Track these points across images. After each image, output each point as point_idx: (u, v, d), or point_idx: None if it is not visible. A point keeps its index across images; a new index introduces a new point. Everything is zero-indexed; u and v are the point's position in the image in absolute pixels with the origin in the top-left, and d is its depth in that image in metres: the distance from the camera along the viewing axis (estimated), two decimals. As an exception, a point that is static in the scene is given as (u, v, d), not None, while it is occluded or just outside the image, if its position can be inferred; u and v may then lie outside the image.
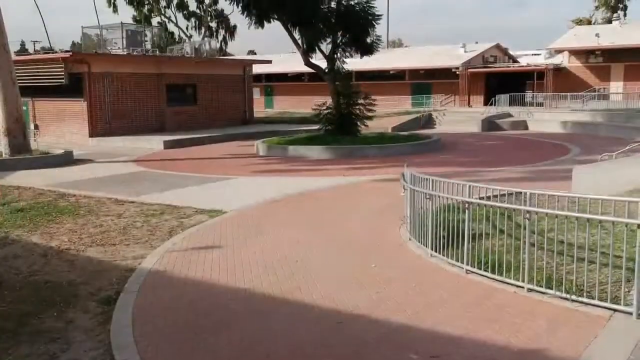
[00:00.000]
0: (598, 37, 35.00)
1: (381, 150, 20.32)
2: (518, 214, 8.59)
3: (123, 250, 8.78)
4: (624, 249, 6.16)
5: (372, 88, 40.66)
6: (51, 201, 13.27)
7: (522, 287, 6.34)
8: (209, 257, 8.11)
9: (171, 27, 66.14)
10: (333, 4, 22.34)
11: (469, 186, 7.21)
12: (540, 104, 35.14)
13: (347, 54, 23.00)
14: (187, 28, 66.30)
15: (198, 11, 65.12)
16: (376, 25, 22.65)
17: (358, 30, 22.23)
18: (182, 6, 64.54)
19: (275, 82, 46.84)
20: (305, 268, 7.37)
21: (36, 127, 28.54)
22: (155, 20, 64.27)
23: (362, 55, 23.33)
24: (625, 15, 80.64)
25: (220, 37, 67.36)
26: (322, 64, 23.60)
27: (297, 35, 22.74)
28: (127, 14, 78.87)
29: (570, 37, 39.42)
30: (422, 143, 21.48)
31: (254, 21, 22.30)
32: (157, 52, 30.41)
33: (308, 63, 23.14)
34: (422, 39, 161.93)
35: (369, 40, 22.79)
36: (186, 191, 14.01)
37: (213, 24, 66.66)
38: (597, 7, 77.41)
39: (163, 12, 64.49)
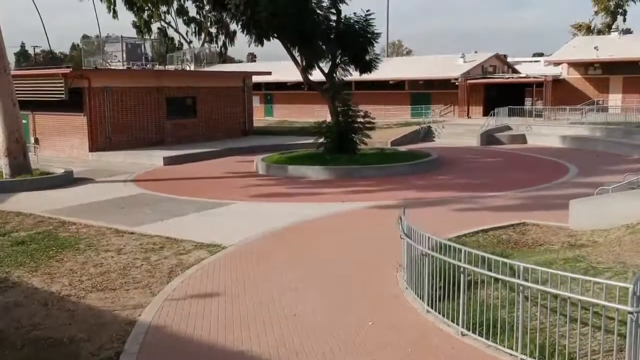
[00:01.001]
0: (597, 49, 35.09)
1: (380, 170, 20.42)
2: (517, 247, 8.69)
3: (123, 296, 8.87)
4: (616, 317, 6.24)
5: (372, 97, 40.92)
6: (51, 231, 13.36)
7: (516, 357, 6.41)
8: (208, 308, 8.20)
9: (171, 32, 66.40)
10: (332, 22, 22.41)
11: (464, 251, 7.24)
12: (540, 115, 35.20)
13: (346, 72, 23.08)
14: (187, 33, 66.51)
15: (198, 17, 65.33)
16: (375, 43, 22.74)
17: (357, 49, 22.34)
18: (182, 12, 64.68)
19: (275, 91, 46.87)
20: (303, 325, 7.44)
21: (36, 140, 28.68)
22: (155, 26, 64.52)
23: (361, 73, 23.43)
24: (625, 20, 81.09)
25: (220, 43, 67.53)
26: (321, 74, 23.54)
27: (296, 53, 22.84)
28: (127, 19, 78.76)
29: (570, 49, 39.53)
30: (420, 163, 21.56)
31: (253, 39, 22.34)
32: (157, 64, 30.34)
33: (307, 81, 23.24)
34: (422, 39, 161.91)
35: (368, 58, 22.87)
36: (185, 220, 14.11)
37: (213, 30, 66.77)
38: (596, 12, 77.52)
39: (163, 17, 64.62)
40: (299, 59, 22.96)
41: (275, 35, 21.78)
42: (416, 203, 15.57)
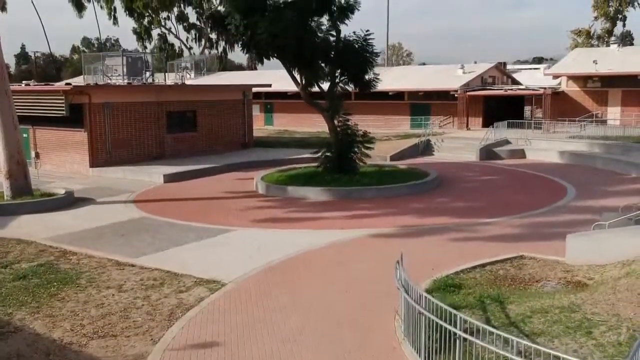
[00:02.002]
0: (596, 63, 35.21)
1: (379, 192, 20.53)
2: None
3: (124, 344, 8.99)
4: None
5: (371, 108, 41.07)
6: (53, 262, 13.50)
7: None
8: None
9: (171, 38, 66.58)
10: (332, 41, 22.49)
11: (460, 318, 7.33)
12: (539, 127, 35.33)
13: (346, 91, 23.19)
14: (187, 40, 66.77)
15: (198, 23, 65.51)
16: (375, 63, 22.82)
17: (356, 69, 22.40)
18: (182, 18, 64.93)
19: (275, 100, 46.98)
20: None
21: (37, 155, 28.87)
22: (155, 32, 64.67)
23: (360, 92, 23.52)
24: (624, 25, 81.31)
25: (221, 49, 67.75)
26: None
27: (296, 73, 22.96)
28: (127, 24, 78.91)
29: (569, 61, 39.67)
30: (419, 184, 21.66)
31: (253, 58, 22.44)
32: (157, 79, 30.45)
33: (307, 100, 23.34)
34: (422, 38, 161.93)
35: (367, 77, 22.96)
36: (185, 251, 14.20)
37: (213, 36, 66.89)
38: (596, 18, 77.78)
39: (163, 23, 64.76)
40: (298, 77, 23.07)
41: (275, 55, 21.88)
42: (415, 231, 15.71)
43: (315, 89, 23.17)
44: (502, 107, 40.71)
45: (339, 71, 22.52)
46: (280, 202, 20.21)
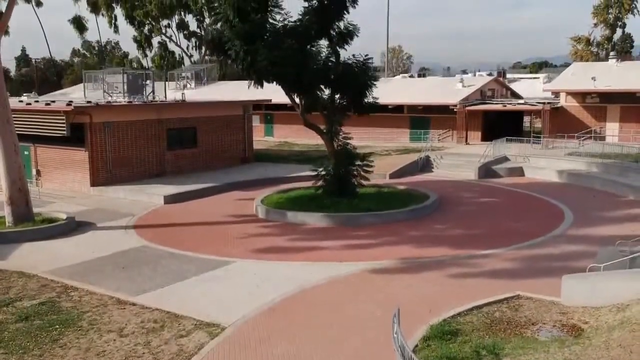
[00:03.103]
0: (594, 80, 35.36)
1: (378, 218, 20.68)
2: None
3: (125, 401, 9.14)
4: None
5: (371, 120, 40.94)
6: (55, 300, 13.67)
7: None
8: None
9: (172, 46, 66.73)
10: (331, 64, 22.62)
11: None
12: (538, 141, 35.56)
13: (345, 114, 23.32)
14: (187, 47, 66.88)
15: (198, 31, 65.62)
16: (374, 87, 22.95)
17: (355, 93, 22.52)
18: (182, 26, 65.07)
19: (275, 111, 47.13)
20: None
21: (38, 172, 29.04)
22: (155, 40, 64.83)
23: (360, 115, 23.65)
24: (624, 32, 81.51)
25: (221, 57, 67.83)
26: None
27: (295, 97, 23.12)
28: (127, 28, 79.03)
29: (568, 77, 39.82)
30: (418, 208, 21.80)
31: (253, 82, 22.58)
32: (158, 96, 30.62)
33: (307, 124, 23.48)
34: (422, 39, 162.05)
35: (366, 101, 23.08)
36: (185, 288, 14.33)
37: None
38: (595, 25, 77.98)
39: (164, 31, 64.90)
40: (297, 101, 23.22)
41: (274, 81, 22.04)
42: (413, 265, 15.85)
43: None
44: (502, 120, 40.92)
45: (338, 95, 22.65)
46: (279, 228, 20.34)
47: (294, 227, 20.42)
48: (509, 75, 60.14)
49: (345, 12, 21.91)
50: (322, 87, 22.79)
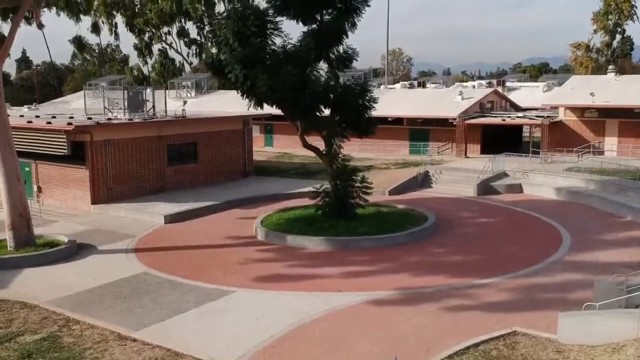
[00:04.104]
0: (593, 95, 35.53)
1: (377, 242, 20.83)
2: None
3: None
4: None
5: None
6: (56, 334, 13.82)
7: None
8: None
9: (172, 53, 66.90)
10: (331, 86, 22.76)
11: None
12: (537, 153, 35.77)
13: (345, 136, 23.47)
14: (187, 55, 67.05)
15: (199, 38, 65.83)
16: (373, 109, 23.09)
17: (354, 114, 22.66)
18: (182, 33, 65.23)
19: (275, 121, 47.25)
20: None
21: (39, 189, 29.19)
22: (156, 48, 65.02)
23: (359, 137, 23.79)
24: (623, 38, 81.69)
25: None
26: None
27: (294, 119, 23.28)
28: (128, 36, 79.18)
29: (567, 91, 39.99)
30: (416, 231, 21.95)
31: (253, 104, 22.74)
32: (158, 114, 30.79)
33: (306, 145, 23.64)
34: (422, 40, 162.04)
35: (365, 122, 23.21)
36: (186, 321, 14.45)
37: (214, 50, 67.11)
38: (595, 31, 78.15)
39: (164, 38, 65.08)
40: (297, 123, 23.37)
41: (274, 105, 22.23)
42: (411, 297, 15.98)
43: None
44: (501, 131, 41.07)
45: (337, 117, 22.79)
46: (279, 252, 20.49)
47: (294, 251, 20.57)
48: (508, 84, 60.24)
49: (344, 36, 22.08)
50: (322, 107, 22.95)
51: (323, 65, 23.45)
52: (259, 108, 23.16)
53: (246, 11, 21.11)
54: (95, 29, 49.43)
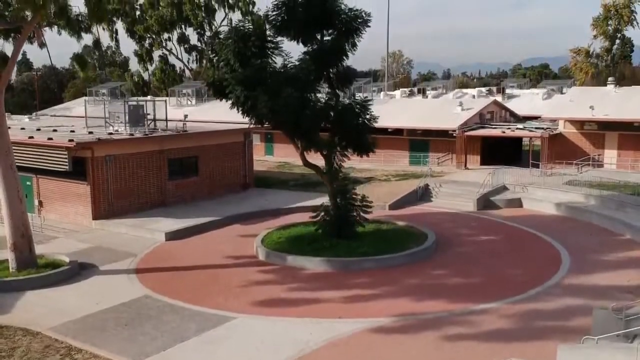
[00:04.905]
0: (592, 109, 35.62)
1: (377, 262, 20.94)
2: None
3: None
4: None
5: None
6: (58, 365, 13.90)
7: None
8: None
9: (172, 59, 66.98)
10: (331, 105, 22.83)
11: None
12: (536, 165, 35.87)
13: (345, 155, 23.56)
14: (188, 61, 67.13)
15: (199, 44, 65.91)
16: (373, 128, 23.16)
17: (354, 133, 22.73)
18: (183, 40, 65.30)
19: (275, 130, 47.31)
20: None
21: (40, 203, 29.30)
22: (156, 54, 65.07)
23: (359, 155, 23.86)
24: (622, 41, 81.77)
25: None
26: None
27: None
28: (128, 39, 79.27)
29: (566, 104, 40.08)
30: (417, 252, 22.03)
31: (253, 122, 22.84)
32: (159, 129, 30.90)
33: (306, 163, 23.72)
34: (422, 40, 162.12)
35: (365, 141, 23.28)
36: (186, 351, 14.54)
37: (214, 56, 67.17)
38: (595, 37, 78.21)
39: (165, 44, 65.13)
40: (298, 142, 23.46)
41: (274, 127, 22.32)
42: (411, 324, 16.06)
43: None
44: (501, 143, 41.17)
45: (337, 137, 22.86)
46: (279, 273, 20.56)
47: (294, 272, 20.66)
48: (508, 90, 60.33)
49: (344, 57, 22.17)
50: (322, 126, 23.04)
51: (323, 83, 23.54)
52: (260, 126, 23.27)
53: (247, 31, 21.17)
54: (97, 46, 49.64)
